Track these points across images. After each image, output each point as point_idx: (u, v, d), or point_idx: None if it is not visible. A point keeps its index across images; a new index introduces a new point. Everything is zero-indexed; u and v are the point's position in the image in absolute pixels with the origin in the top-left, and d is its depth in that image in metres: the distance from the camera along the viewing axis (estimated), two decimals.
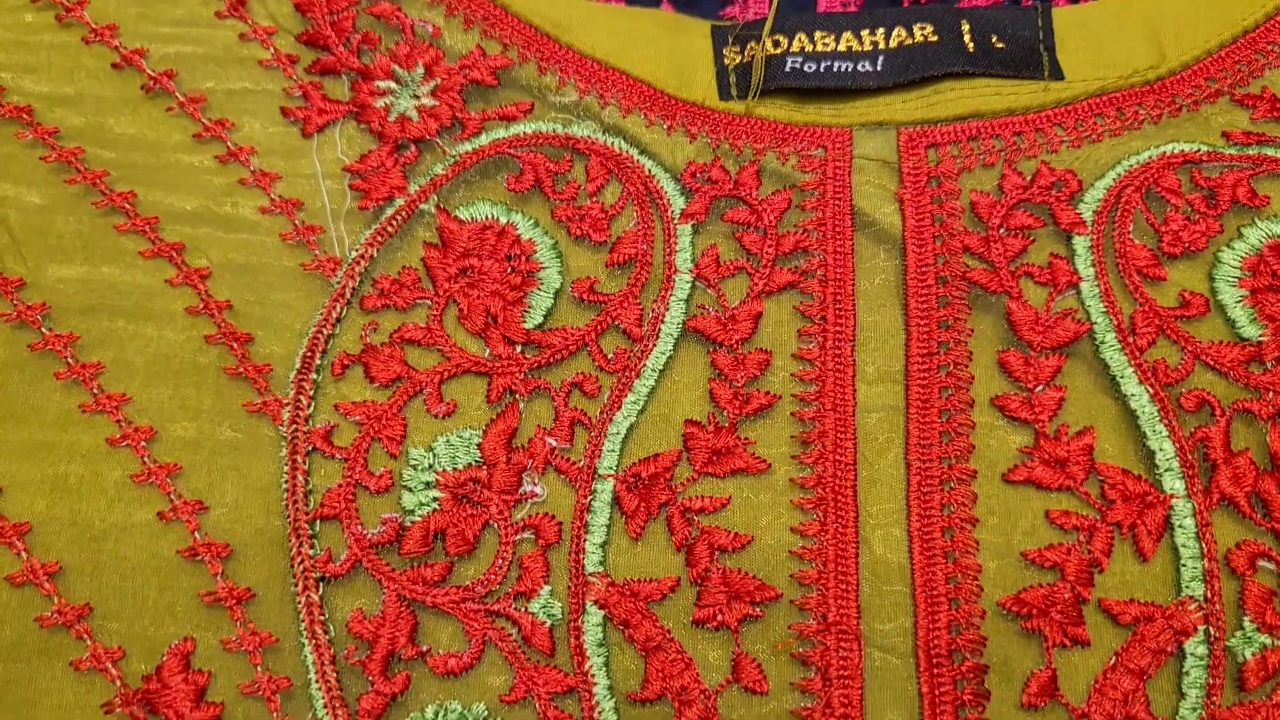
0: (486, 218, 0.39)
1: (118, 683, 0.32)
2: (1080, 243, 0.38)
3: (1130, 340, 0.37)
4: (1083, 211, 0.39)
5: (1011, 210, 0.39)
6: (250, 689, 0.33)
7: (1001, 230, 0.39)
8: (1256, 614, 0.33)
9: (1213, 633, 0.33)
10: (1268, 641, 0.33)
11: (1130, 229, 0.39)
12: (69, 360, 0.36)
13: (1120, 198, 0.39)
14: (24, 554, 0.33)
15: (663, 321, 0.38)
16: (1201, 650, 0.33)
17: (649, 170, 0.40)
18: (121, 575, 0.34)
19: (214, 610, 0.33)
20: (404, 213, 0.39)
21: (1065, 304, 0.38)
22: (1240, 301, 0.37)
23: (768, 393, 0.37)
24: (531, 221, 0.39)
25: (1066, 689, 0.32)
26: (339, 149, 0.41)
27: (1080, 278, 0.38)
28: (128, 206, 0.39)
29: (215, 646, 0.33)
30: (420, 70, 0.42)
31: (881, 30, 0.42)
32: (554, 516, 0.35)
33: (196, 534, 0.34)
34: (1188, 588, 0.33)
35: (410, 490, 0.35)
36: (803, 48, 0.42)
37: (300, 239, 0.39)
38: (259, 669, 0.33)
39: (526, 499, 0.35)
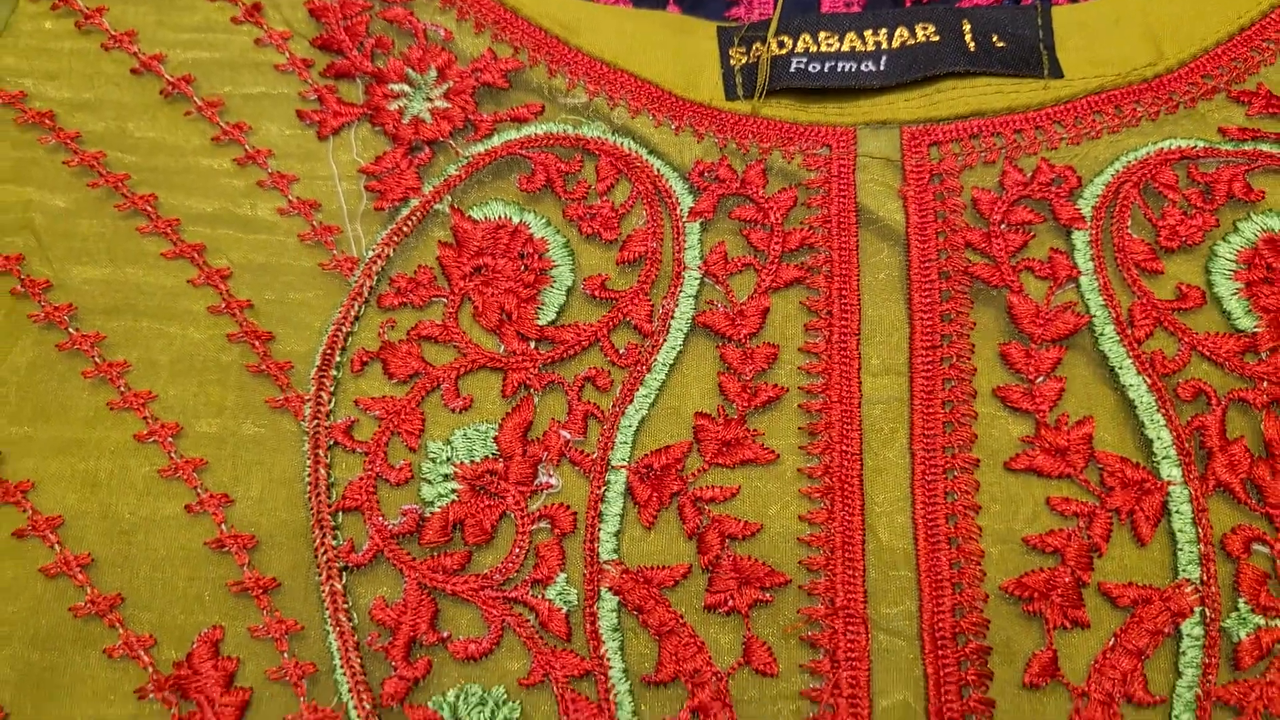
0: (500, 217, 0.40)
1: (150, 669, 0.33)
2: (1079, 237, 0.39)
3: (1129, 332, 0.38)
4: (1082, 207, 0.40)
5: (1012, 206, 0.40)
6: (277, 675, 0.34)
7: (1002, 226, 0.40)
8: (1251, 596, 0.34)
9: (1209, 614, 0.34)
10: (1262, 622, 0.34)
11: (1129, 224, 0.40)
12: (96, 359, 0.37)
13: (1119, 193, 0.40)
14: (57, 546, 0.35)
15: (673, 317, 0.39)
16: (1198, 631, 0.34)
17: (657, 170, 0.41)
18: (151, 566, 0.35)
19: (241, 599, 0.34)
20: (419, 213, 0.40)
21: (1065, 297, 0.38)
22: (1236, 294, 0.38)
23: (775, 385, 0.38)
24: (544, 220, 0.40)
25: (1067, 669, 0.34)
26: (354, 151, 0.42)
27: (1080, 272, 0.39)
28: (149, 209, 0.40)
29: (243, 634, 0.34)
30: (433, 73, 0.43)
31: (884, 30, 0.43)
32: (569, 507, 0.36)
33: (223, 526, 0.35)
34: (1184, 571, 0.34)
35: (429, 482, 0.36)
36: (807, 48, 0.43)
37: (318, 239, 0.40)
38: (285, 655, 0.34)
39: (542, 490, 0.36)
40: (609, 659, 0.34)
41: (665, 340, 0.38)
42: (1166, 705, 0.33)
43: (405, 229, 0.40)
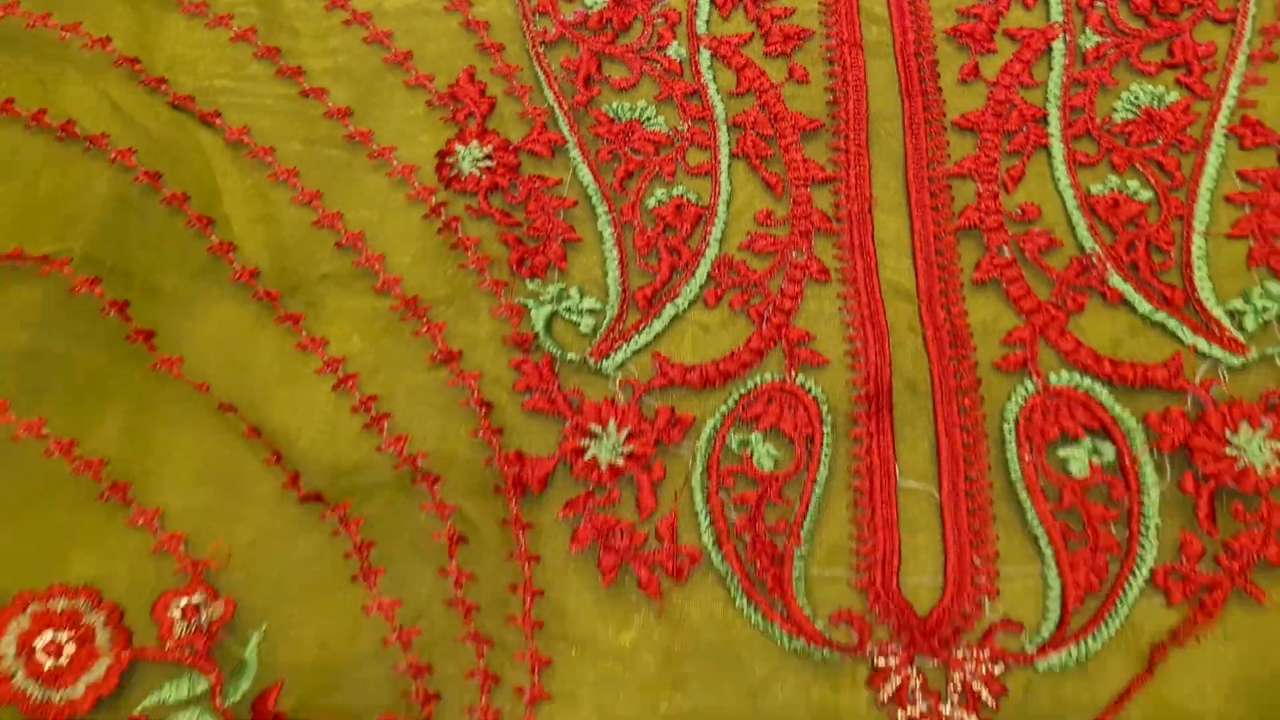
0: None
1: (416, 185, 0.56)
2: None
3: None
4: None
5: None
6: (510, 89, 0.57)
7: None
8: (1094, 25, 0.56)
9: (1067, 37, 0.56)
10: (1100, 39, 0.56)
11: None
12: (351, 10, 0.60)
13: None
14: (329, 101, 0.57)
15: None
16: (1061, 47, 0.56)
17: None
18: (398, 109, 0.57)
19: (483, 52, 0.57)
20: None
21: None
22: None
23: (805, 29, 0.59)
24: None
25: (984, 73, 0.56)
26: None
27: None
28: None
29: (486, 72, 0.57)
30: None
31: None
32: (676, 9, 0.59)
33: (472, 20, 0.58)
34: (1054, 18, 0.57)
35: None
36: None
37: None
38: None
39: (657, 3, 0.59)
40: (706, 82, 0.57)
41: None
42: (1041, 86, 0.55)
43: None
